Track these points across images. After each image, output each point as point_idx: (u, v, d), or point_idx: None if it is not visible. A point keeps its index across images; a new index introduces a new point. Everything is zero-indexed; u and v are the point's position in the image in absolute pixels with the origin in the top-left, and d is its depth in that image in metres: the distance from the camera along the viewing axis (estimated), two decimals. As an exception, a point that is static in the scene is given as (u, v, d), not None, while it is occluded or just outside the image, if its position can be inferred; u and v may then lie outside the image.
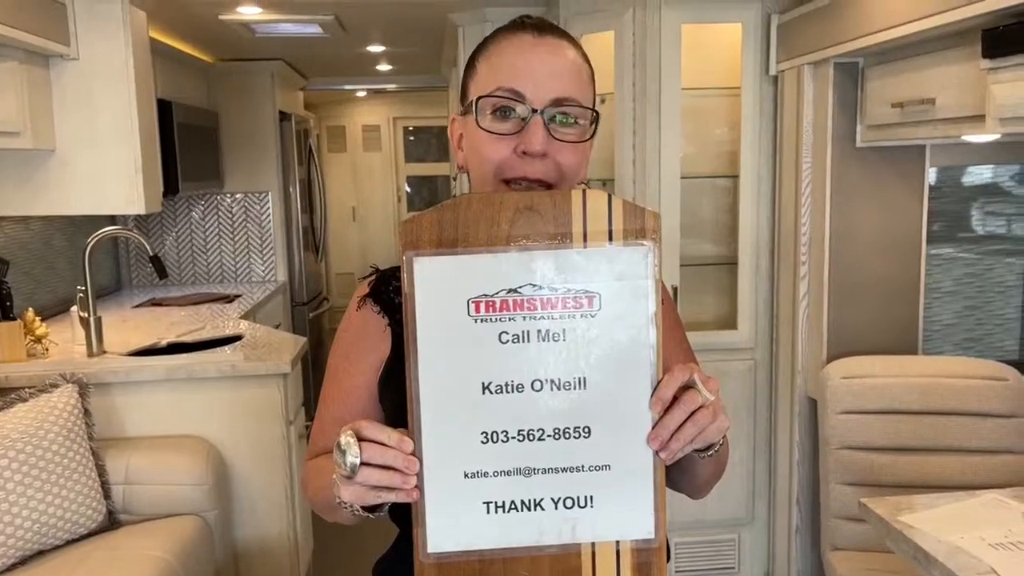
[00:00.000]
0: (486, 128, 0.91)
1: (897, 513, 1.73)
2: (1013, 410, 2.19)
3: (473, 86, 0.96)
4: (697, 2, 2.65)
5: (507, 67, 0.91)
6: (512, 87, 0.90)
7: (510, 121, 0.91)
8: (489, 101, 0.91)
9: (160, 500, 2.42)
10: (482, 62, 0.96)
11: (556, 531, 0.78)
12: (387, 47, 4.49)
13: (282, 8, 3.32)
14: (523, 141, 0.90)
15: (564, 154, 0.91)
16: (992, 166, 2.66)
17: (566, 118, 0.92)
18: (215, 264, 4.70)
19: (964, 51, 1.85)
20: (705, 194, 2.93)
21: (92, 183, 2.77)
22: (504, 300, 0.74)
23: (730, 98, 2.82)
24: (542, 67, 0.91)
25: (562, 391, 0.76)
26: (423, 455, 0.76)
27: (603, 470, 0.78)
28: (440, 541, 0.77)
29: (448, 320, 0.74)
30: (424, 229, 0.73)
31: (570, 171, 0.92)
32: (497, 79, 0.91)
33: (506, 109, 0.91)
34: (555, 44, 0.93)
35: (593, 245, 0.74)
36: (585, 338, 0.76)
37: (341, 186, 7.93)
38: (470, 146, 0.95)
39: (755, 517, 2.89)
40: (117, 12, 2.70)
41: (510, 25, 0.96)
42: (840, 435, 2.25)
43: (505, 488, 0.77)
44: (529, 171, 0.90)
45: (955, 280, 2.67)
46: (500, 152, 0.91)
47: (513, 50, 0.92)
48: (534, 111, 0.90)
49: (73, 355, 2.71)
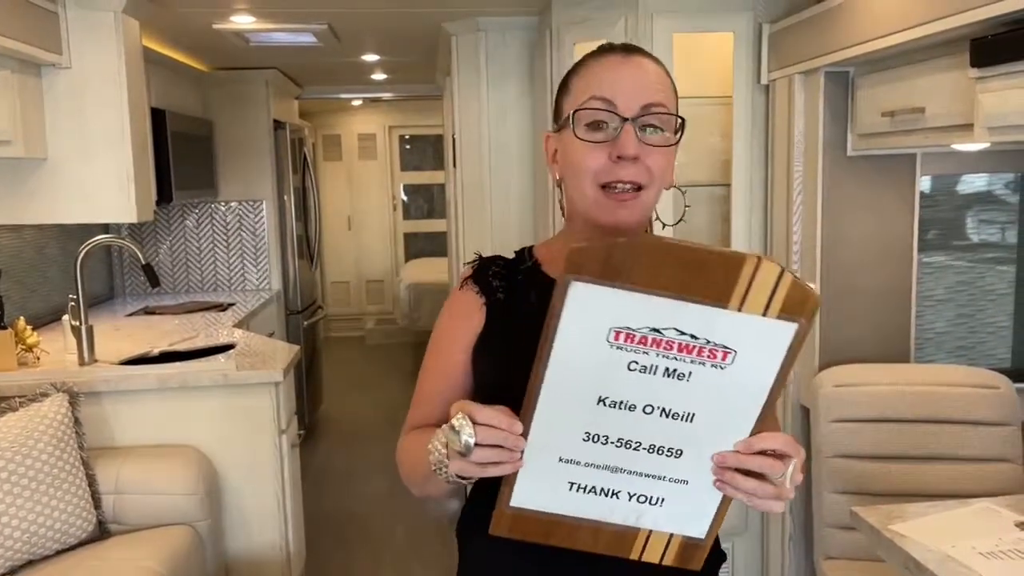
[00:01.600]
0: (582, 138, 1.01)
1: (888, 522, 1.73)
2: (1005, 418, 2.20)
3: (567, 103, 1.06)
4: (688, 11, 2.66)
5: (598, 81, 1.02)
6: (604, 96, 1.00)
7: (603, 132, 1.01)
8: (584, 112, 1.01)
9: (151, 510, 2.41)
10: (575, 81, 1.06)
11: (623, 515, 0.88)
12: (381, 56, 4.50)
13: (276, 17, 3.33)
14: (617, 147, 0.99)
15: (654, 157, 1.00)
16: (987, 174, 2.66)
17: (654, 128, 1.01)
18: (209, 272, 4.70)
19: (953, 60, 1.86)
20: (697, 203, 2.94)
21: (84, 192, 2.77)
22: (644, 336, 0.78)
23: (722, 107, 2.83)
24: (630, 79, 1.01)
25: (670, 420, 0.82)
26: (530, 434, 0.84)
27: (681, 483, 0.86)
28: (524, 499, 0.88)
29: (586, 339, 0.79)
30: (590, 259, 0.76)
31: (659, 173, 1.02)
32: (590, 91, 1.02)
33: (599, 122, 1.01)
34: (640, 60, 1.04)
35: (747, 312, 0.77)
36: (707, 384, 0.80)
37: (337, 194, 7.93)
38: (566, 158, 1.05)
39: (748, 526, 2.89)
40: (110, 21, 2.71)
41: (598, 49, 1.08)
42: (832, 443, 2.25)
43: (591, 475, 0.86)
44: (623, 175, 0.99)
45: (947, 288, 2.67)
46: (597, 159, 1.00)
47: (603, 67, 1.04)
48: (625, 120, 0.99)
49: (64, 364, 2.70)
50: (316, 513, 3.74)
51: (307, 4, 3.10)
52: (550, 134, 1.10)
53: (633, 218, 1.03)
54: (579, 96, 1.03)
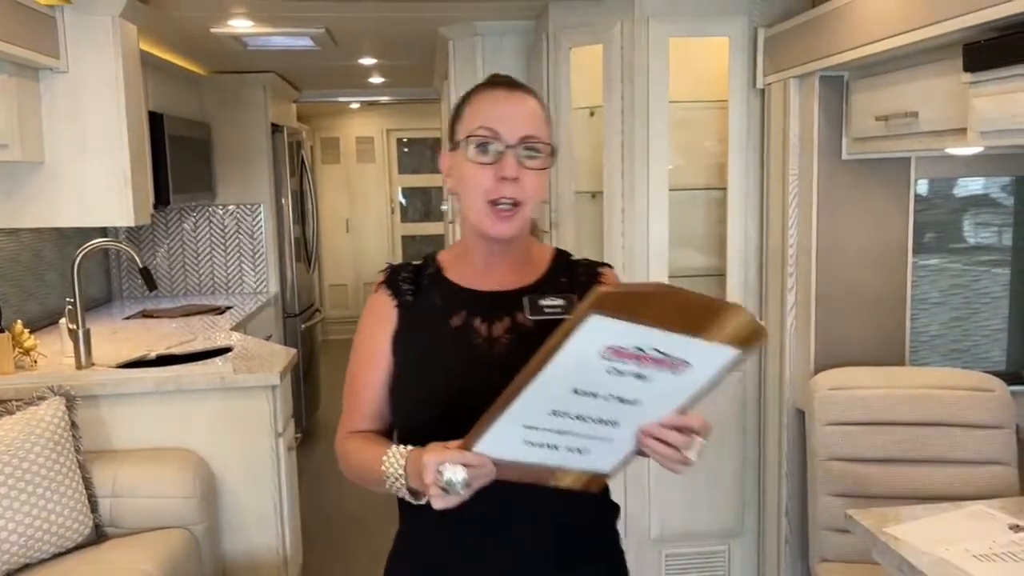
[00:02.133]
0: (473, 160, 1.19)
1: (883, 524, 1.73)
2: (999, 421, 2.20)
3: (460, 127, 1.23)
4: (684, 16, 2.67)
5: (486, 113, 1.20)
6: (491, 126, 1.18)
7: (490, 154, 1.19)
8: (474, 138, 1.19)
9: (147, 513, 2.41)
10: (467, 109, 1.23)
11: (556, 461, 1.09)
12: (379, 60, 4.51)
13: (273, 21, 3.34)
14: (500, 169, 1.18)
15: (529, 178, 1.19)
16: (984, 177, 2.67)
17: (531, 153, 1.19)
18: (207, 276, 4.70)
19: (946, 65, 1.87)
20: (694, 206, 2.95)
21: (81, 195, 2.77)
22: (630, 352, 0.96)
23: (718, 111, 2.84)
24: (512, 113, 1.20)
25: (619, 403, 1.03)
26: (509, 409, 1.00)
27: (606, 441, 1.08)
28: (483, 448, 1.04)
29: (584, 352, 0.95)
30: (612, 301, 0.92)
31: (535, 192, 1.20)
32: (479, 121, 1.20)
33: (486, 144, 1.18)
34: (522, 97, 1.23)
35: (715, 342, 0.98)
36: (661, 383, 1.01)
37: (335, 197, 7.94)
38: (459, 175, 1.22)
39: (745, 528, 2.89)
40: (107, 25, 2.71)
41: (487, 82, 1.26)
42: (827, 446, 2.25)
43: (543, 436, 1.05)
44: (505, 192, 1.18)
45: (942, 291, 2.68)
46: (485, 177, 1.18)
47: (490, 100, 1.22)
48: (508, 146, 1.18)
49: (61, 367, 2.70)
50: (313, 516, 3.74)
51: (304, 8, 3.11)
52: (445, 152, 1.28)
53: (512, 231, 1.20)
54: (470, 123, 1.21)
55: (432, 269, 1.31)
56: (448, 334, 1.23)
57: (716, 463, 2.85)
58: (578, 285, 1.26)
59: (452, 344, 1.23)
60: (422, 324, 1.26)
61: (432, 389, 1.21)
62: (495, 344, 1.21)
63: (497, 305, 1.23)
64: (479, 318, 1.23)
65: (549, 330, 1.04)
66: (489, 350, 1.21)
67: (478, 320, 1.23)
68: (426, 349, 1.24)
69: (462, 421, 1.06)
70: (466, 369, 1.20)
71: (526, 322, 1.21)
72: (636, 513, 2.86)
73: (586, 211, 3.03)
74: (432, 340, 1.24)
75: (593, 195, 2.99)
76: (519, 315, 1.22)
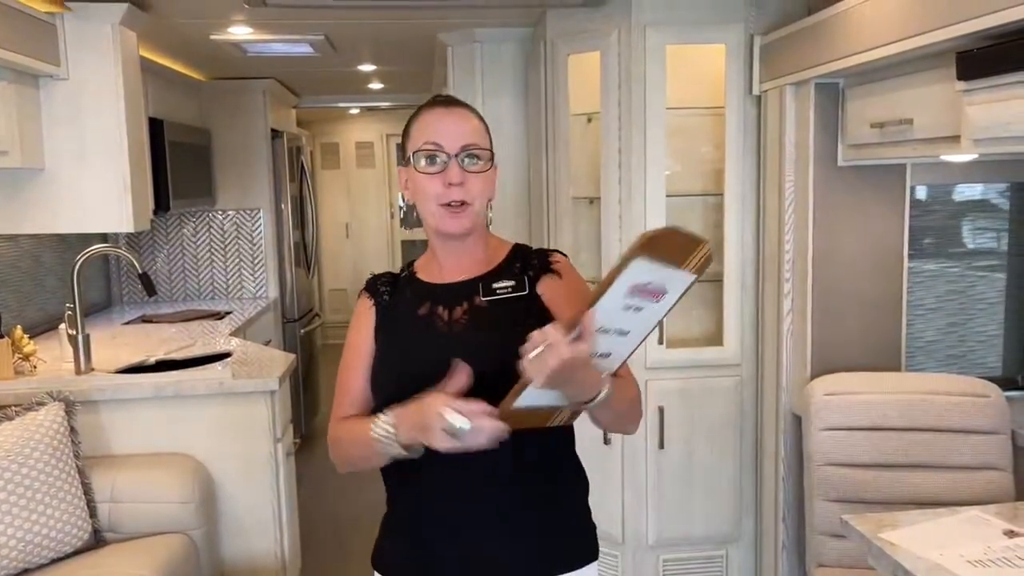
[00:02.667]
0: (422, 171, 1.37)
1: (878, 530, 1.74)
2: (995, 427, 2.21)
3: (409, 144, 1.40)
4: (681, 23, 2.68)
5: (430, 129, 1.37)
6: (434, 140, 1.36)
7: (436, 164, 1.36)
8: (421, 152, 1.37)
9: (146, 518, 2.42)
10: (413, 128, 1.40)
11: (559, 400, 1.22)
12: (378, 66, 4.53)
13: (272, 28, 3.35)
14: (447, 176, 1.35)
15: (473, 181, 1.37)
16: (981, 184, 2.69)
17: (472, 159, 1.37)
18: (206, 281, 4.71)
19: (940, 73, 1.88)
20: (691, 212, 2.96)
21: (80, 201, 2.78)
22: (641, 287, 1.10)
23: (714, 117, 2.85)
24: (452, 126, 1.37)
25: (620, 336, 1.15)
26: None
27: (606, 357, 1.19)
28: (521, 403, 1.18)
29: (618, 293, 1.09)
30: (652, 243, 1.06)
31: (479, 192, 1.38)
32: (424, 136, 1.37)
33: (432, 156, 1.36)
34: (460, 111, 1.40)
35: (687, 270, 1.12)
36: (647, 312, 1.13)
37: (335, 202, 7.95)
38: (414, 185, 1.39)
39: (742, 533, 2.90)
40: (107, 33, 2.73)
41: (429, 102, 1.43)
42: (824, 451, 2.26)
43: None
44: (453, 195, 1.35)
45: (938, 297, 2.69)
46: (434, 186, 1.36)
47: (432, 117, 1.39)
48: (451, 156, 1.35)
49: (61, 373, 2.71)
50: (312, 521, 3.74)
51: (303, 15, 3.12)
52: (401, 168, 1.44)
53: (465, 225, 1.38)
54: (417, 140, 1.38)
55: (407, 273, 1.50)
56: (415, 322, 1.41)
57: (713, 468, 2.86)
58: (531, 268, 1.42)
59: (418, 330, 1.40)
60: (396, 318, 1.45)
61: (402, 368, 1.38)
62: (454, 325, 1.38)
63: (457, 293, 1.40)
64: (441, 306, 1.40)
65: (501, 307, 1.36)
66: (449, 331, 1.38)
67: (440, 308, 1.40)
68: (398, 337, 1.42)
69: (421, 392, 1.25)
70: (429, 349, 1.37)
71: (481, 303, 1.38)
72: (633, 518, 2.87)
73: (584, 217, 3.04)
74: (403, 329, 1.43)
75: (591, 201, 3.00)
76: (476, 298, 1.39)
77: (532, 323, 1.20)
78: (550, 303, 1.38)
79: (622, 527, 2.89)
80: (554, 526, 1.40)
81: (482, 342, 1.34)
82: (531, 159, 3.33)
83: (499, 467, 1.32)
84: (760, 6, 2.68)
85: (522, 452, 1.33)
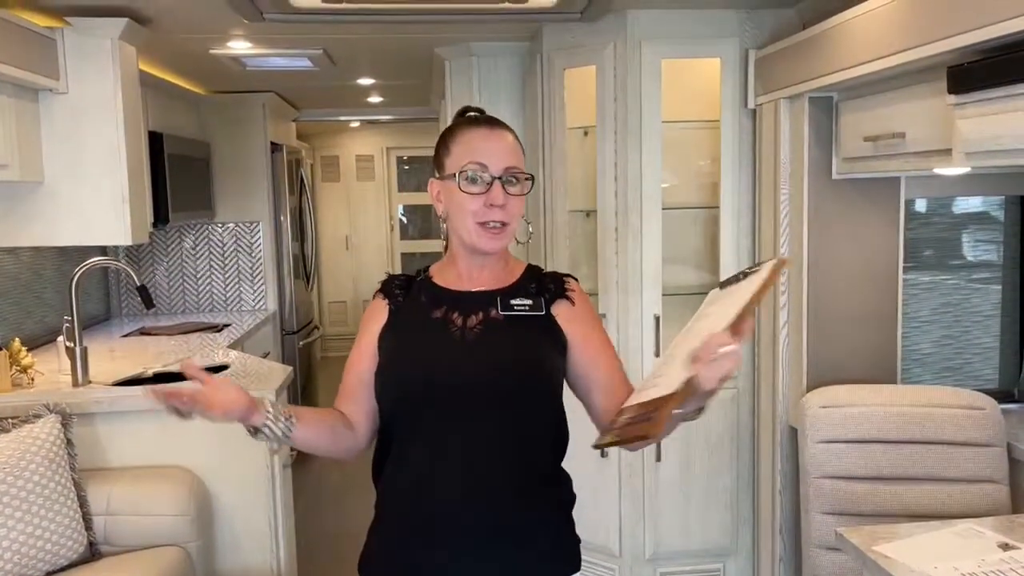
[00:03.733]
0: (465, 190, 1.39)
1: (873, 543, 1.74)
2: (990, 439, 2.21)
3: (448, 161, 1.43)
4: (676, 37, 2.70)
5: (474, 148, 1.41)
6: (479, 161, 1.40)
7: (478, 185, 1.39)
8: (465, 172, 1.39)
9: (142, 531, 2.41)
10: (454, 144, 1.44)
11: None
12: (377, 80, 4.55)
13: (271, 43, 3.38)
14: (489, 197, 1.39)
15: (513, 203, 1.41)
16: (977, 196, 2.69)
17: (512, 182, 1.41)
18: (205, 293, 4.72)
19: (931, 87, 1.90)
20: (687, 224, 2.97)
21: (79, 214, 2.79)
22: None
23: (710, 130, 2.86)
24: (497, 148, 1.41)
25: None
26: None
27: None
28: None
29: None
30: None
31: (517, 213, 1.43)
32: (468, 156, 1.40)
33: (475, 176, 1.39)
34: (502, 133, 1.44)
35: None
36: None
37: (335, 215, 7.97)
38: (451, 201, 1.42)
39: (739, 546, 2.89)
40: (107, 47, 2.75)
41: (469, 120, 1.47)
42: (819, 464, 2.26)
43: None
44: (494, 216, 1.39)
45: (933, 309, 2.69)
46: (475, 204, 1.39)
47: (476, 137, 1.43)
48: (495, 177, 1.39)
49: (58, 385, 2.71)
50: (309, 533, 3.73)
51: (302, 30, 3.14)
52: (434, 180, 1.46)
53: (501, 245, 1.43)
54: (460, 157, 1.41)
55: (422, 277, 1.53)
56: (429, 324, 1.44)
57: (710, 481, 2.86)
58: (546, 291, 1.47)
59: (431, 332, 1.43)
60: (408, 318, 1.47)
61: (411, 368, 1.41)
62: (468, 333, 1.41)
63: (473, 302, 1.44)
64: (456, 312, 1.43)
65: (517, 323, 1.41)
66: (462, 337, 1.41)
67: (456, 314, 1.43)
68: (409, 336, 1.45)
69: (431, 395, 1.34)
70: (439, 351, 1.40)
71: (498, 316, 1.42)
72: (630, 531, 2.86)
73: (580, 230, 3.05)
74: (415, 329, 1.45)
75: (587, 214, 3.01)
76: (492, 311, 1.42)
77: (545, 340, 1.38)
78: (565, 328, 1.44)
79: (619, 540, 2.88)
80: (537, 537, 1.41)
81: (494, 354, 1.38)
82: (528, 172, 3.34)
83: (488, 476, 1.36)
84: (755, 20, 2.70)
85: (510, 463, 1.37)
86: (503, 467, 1.36)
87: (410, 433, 1.40)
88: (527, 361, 1.39)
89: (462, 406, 1.36)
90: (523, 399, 1.38)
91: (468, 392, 1.36)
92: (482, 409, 1.36)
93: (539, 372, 1.40)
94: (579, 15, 2.72)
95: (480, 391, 1.36)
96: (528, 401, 1.39)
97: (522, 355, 1.39)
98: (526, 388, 1.38)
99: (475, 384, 1.36)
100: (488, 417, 1.36)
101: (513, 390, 1.36)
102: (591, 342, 1.46)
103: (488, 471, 1.35)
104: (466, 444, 1.36)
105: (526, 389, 1.38)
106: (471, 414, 1.36)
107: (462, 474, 1.35)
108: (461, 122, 1.47)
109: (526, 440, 1.40)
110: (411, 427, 1.40)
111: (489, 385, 1.35)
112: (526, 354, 1.39)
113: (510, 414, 1.37)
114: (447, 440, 1.37)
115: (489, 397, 1.35)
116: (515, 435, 1.38)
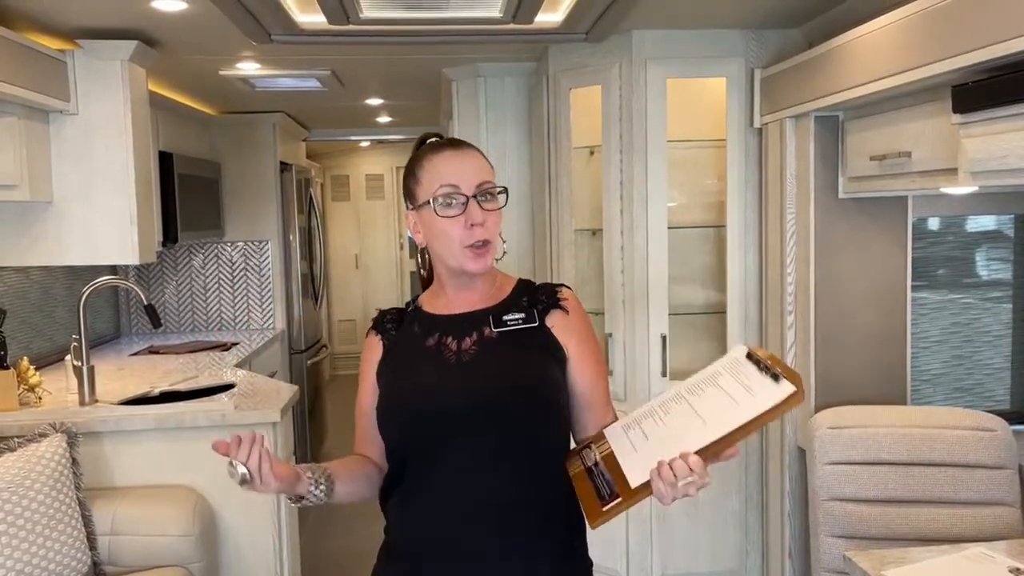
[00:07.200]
0: (442, 215, 1.36)
1: (882, 567, 1.71)
2: (1002, 462, 2.18)
3: (420, 190, 1.41)
4: (682, 57, 2.71)
5: (442, 172, 1.38)
6: (451, 183, 1.37)
7: (454, 207, 1.36)
8: (439, 197, 1.37)
9: (146, 551, 2.40)
10: (421, 172, 1.41)
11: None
12: (385, 100, 4.58)
13: (280, 64, 3.41)
14: (468, 217, 1.36)
15: (492, 218, 1.39)
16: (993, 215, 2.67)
17: (487, 197, 1.38)
18: (214, 312, 4.74)
19: (937, 106, 1.89)
20: (694, 244, 2.96)
21: (88, 234, 2.81)
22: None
23: (716, 149, 2.86)
24: (465, 167, 1.38)
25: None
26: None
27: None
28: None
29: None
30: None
31: (496, 228, 1.40)
32: (438, 180, 1.37)
33: (449, 199, 1.36)
34: (468, 151, 1.42)
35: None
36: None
37: (345, 234, 8.00)
38: (430, 230, 1.40)
39: (748, 569, 2.86)
40: (117, 69, 2.78)
41: (432, 145, 1.44)
42: (828, 486, 2.23)
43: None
44: (477, 236, 1.36)
45: (943, 329, 2.67)
46: (456, 227, 1.36)
47: (443, 160, 1.40)
48: (469, 196, 1.36)
49: (66, 404, 2.72)
50: (313, 555, 3.71)
51: (310, 51, 3.17)
52: (409, 212, 1.44)
53: (487, 263, 1.40)
54: (430, 184, 1.38)
55: (413, 308, 1.52)
56: (424, 352, 1.42)
57: (719, 503, 2.83)
58: (539, 302, 1.45)
59: (426, 360, 1.41)
60: (403, 350, 1.47)
61: (409, 397, 1.40)
62: (463, 355, 1.40)
63: (466, 324, 1.42)
64: (450, 336, 1.42)
65: (511, 338, 1.39)
66: (458, 361, 1.39)
67: (449, 338, 1.41)
68: (404, 368, 1.44)
69: (433, 421, 1.33)
70: (435, 377, 1.39)
71: (492, 334, 1.40)
72: (639, 553, 2.83)
73: (586, 248, 3.05)
74: (410, 359, 1.44)
75: (593, 232, 3.01)
76: (485, 330, 1.41)
77: (542, 353, 1.37)
78: (559, 337, 1.42)
79: (627, 563, 2.85)
80: (549, 559, 1.39)
81: (492, 371, 1.37)
82: (534, 192, 3.35)
83: (497, 495, 1.34)
84: (760, 40, 2.70)
85: (521, 482, 1.35)
86: (511, 487, 1.34)
87: (415, 459, 1.39)
88: (524, 377, 1.38)
89: (463, 428, 1.34)
90: (523, 416, 1.36)
91: (467, 414, 1.34)
92: (483, 429, 1.34)
93: (538, 387, 1.38)
94: (584, 36, 2.73)
95: (479, 411, 1.34)
96: (529, 418, 1.37)
97: (519, 371, 1.38)
98: (525, 405, 1.36)
99: (473, 405, 1.34)
100: (491, 437, 1.34)
101: (512, 408, 1.35)
102: (580, 353, 1.44)
103: (496, 492, 1.34)
104: (471, 467, 1.34)
105: (525, 406, 1.36)
106: (473, 435, 1.34)
107: (471, 498, 1.34)
108: (425, 149, 1.44)
109: (533, 458, 1.37)
110: (415, 454, 1.39)
111: (487, 405, 1.33)
112: (523, 370, 1.38)
113: (512, 432, 1.35)
114: (452, 464, 1.35)
115: (488, 416, 1.34)
116: (520, 454, 1.36)
